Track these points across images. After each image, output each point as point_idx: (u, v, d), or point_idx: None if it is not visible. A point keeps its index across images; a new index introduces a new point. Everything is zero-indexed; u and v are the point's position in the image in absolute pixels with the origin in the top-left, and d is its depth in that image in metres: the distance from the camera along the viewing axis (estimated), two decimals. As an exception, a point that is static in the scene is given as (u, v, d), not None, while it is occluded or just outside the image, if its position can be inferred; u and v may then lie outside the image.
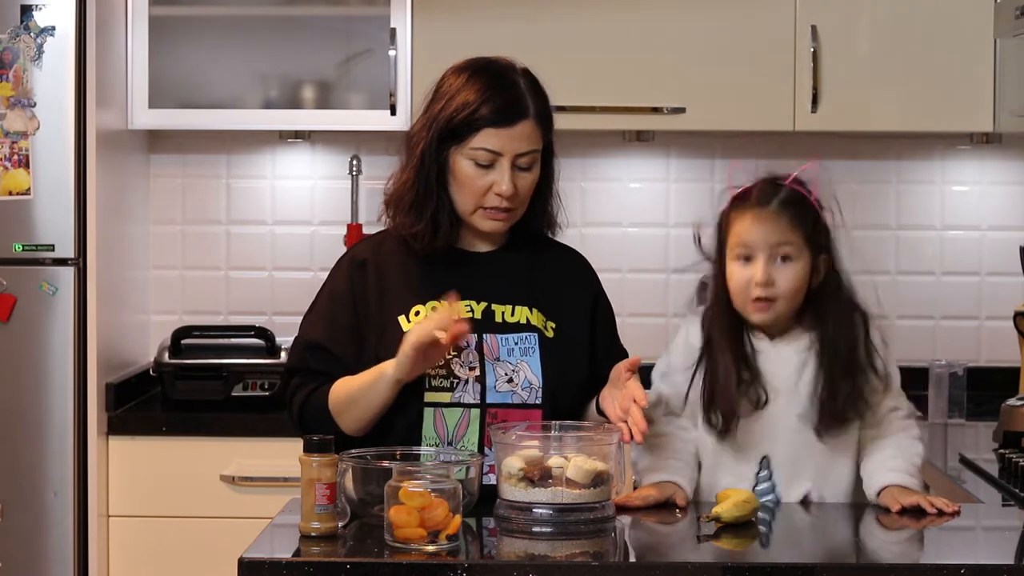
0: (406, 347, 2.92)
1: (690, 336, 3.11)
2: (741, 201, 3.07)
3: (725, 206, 3.10)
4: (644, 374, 3.23)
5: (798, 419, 3.05)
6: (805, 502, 3.06)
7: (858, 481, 3.10)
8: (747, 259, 3.02)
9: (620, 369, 2.97)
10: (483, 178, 3.02)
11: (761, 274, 3.00)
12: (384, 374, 2.97)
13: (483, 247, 3.14)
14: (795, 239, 3.01)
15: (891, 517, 2.94)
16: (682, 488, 3.04)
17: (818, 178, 3.10)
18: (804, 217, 3.04)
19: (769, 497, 3.05)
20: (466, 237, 3.13)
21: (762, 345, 3.07)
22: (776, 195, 3.05)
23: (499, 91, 3.03)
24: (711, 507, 2.87)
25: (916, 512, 2.94)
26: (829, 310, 3.06)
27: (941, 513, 2.94)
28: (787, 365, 3.06)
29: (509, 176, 3.01)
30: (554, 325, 3.10)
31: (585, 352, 3.12)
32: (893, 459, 3.04)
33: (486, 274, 3.10)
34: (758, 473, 3.06)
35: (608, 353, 3.16)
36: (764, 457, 3.06)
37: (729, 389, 3.02)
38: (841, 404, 3.03)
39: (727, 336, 3.06)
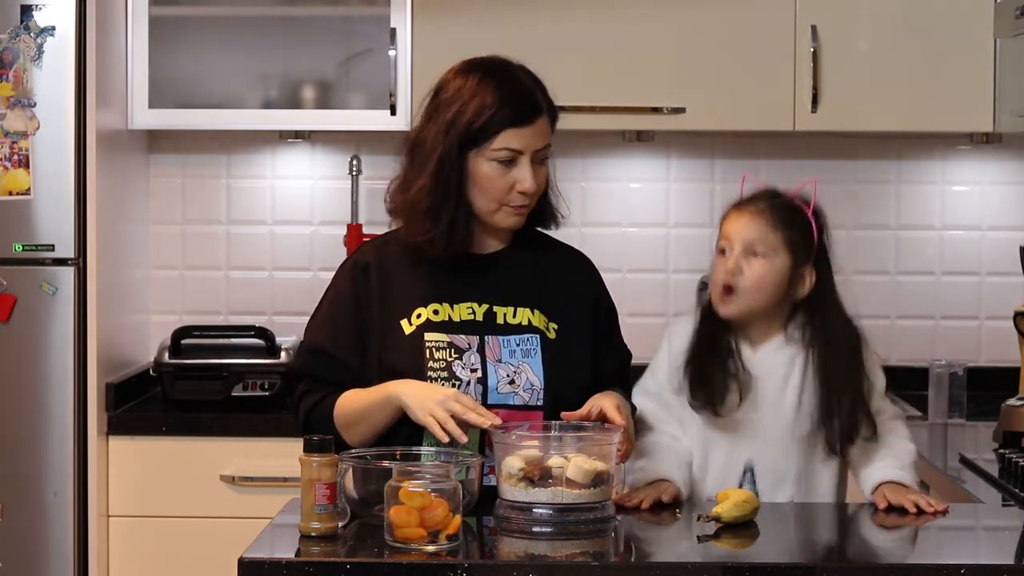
0: (424, 416, 2.92)
1: (672, 344, 3.15)
2: (735, 205, 3.15)
3: (724, 211, 3.17)
4: (639, 373, 3.25)
5: (782, 430, 3.08)
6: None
7: (839, 489, 3.14)
8: (723, 252, 3.10)
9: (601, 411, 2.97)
10: (505, 177, 3.03)
11: (731, 262, 3.07)
12: (390, 399, 2.97)
13: (485, 249, 3.13)
14: (772, 239, 3.08)
15: (891, 517, 2.94)
16: (675, 484, 3.05)
17: (814, 199, 3.14)
18: (790, 223, 3.09)
19: None
20: (471, 239, 3.13)
21: (745, 352, 3.10)
22: (767, 198, 3.12)
23: (514, 92, 3.04)
24: (711, 507, 2.87)
25: (902, 510, 2.96)
26: (818, 327, 3.10)
27: (921, 512, 2.94)
28: (771, 375, 3.10)
29: (531, 173, 3.03)
30: (556, 326, 3.09)
31: (587, 353, 3.12)
32: (884, 458, 3.06)
33: (488, 276, 3.10)
34: (741, 483, 3.08)
35: (610, 352, 3.16)
36: (747, 466, 3.08)
37: (715, 369, 3.07)
38: (846, 423, 3.05)
39: (718, 330, 3.10)
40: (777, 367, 3.10)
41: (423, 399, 2.93)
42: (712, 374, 3.09)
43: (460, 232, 3.06)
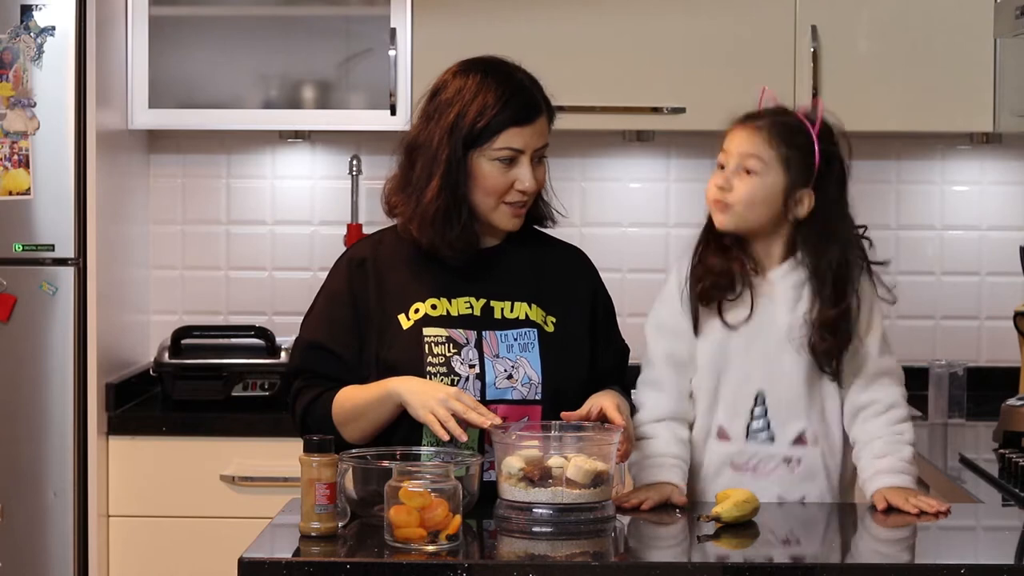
0: (425, 414, 2.91)
1: (682, 275, 3.13)
2: (737, 120, 3.13)
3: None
4: (637, 373, 3.24)
5: (794, 357, 3.05)
6: (800, 440, 3.07)
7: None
8: (722, 167, 3.09)
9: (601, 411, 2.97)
10: (505, 175, 3.04)
11: (721, 177, 3.07)
12: (390, 395, 2.97)
13: (482, 244, 3.13)
14: (766, 154, 3.06)
15: (892, 517, 2.94)
16: (678, 487, 3.04)
17: (819, 117, 3.14)
18: (788, 141, 3.07)
19: (763, 434, 3.06)
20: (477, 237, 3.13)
21: (753, 277, 3.08)
22: (771, 114, 3.11)
23: (515, 91, 3.06)
24: (711, 507, 2.87)
25: (902, 511, 2.96)
26: (814, 246, 3.07)
27: (923, 513, 2.94)
28: (779, 300, 3.07)
29: (531, 172, 3.04)
30: (554, 320, 3.10)
31: (585, 347, 3.12)
32: (883, 459, 3.04)
33: (485, 271, 3.11)
34: (752, 409, 3.06)
35: (608, 347, 3.17)
36: (759, 394, 3.06)
37: (723, 266, 3.06)
38: (830, 334, 3.04)
39: (727, 247, 3.09)
40: (786, 290, 3.07)
41: (424, 396, 2.93)
42: (720, 270, 3.05)
43: (471, 233, 3.06)
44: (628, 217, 4.85)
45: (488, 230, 3.12)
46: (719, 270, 3.07)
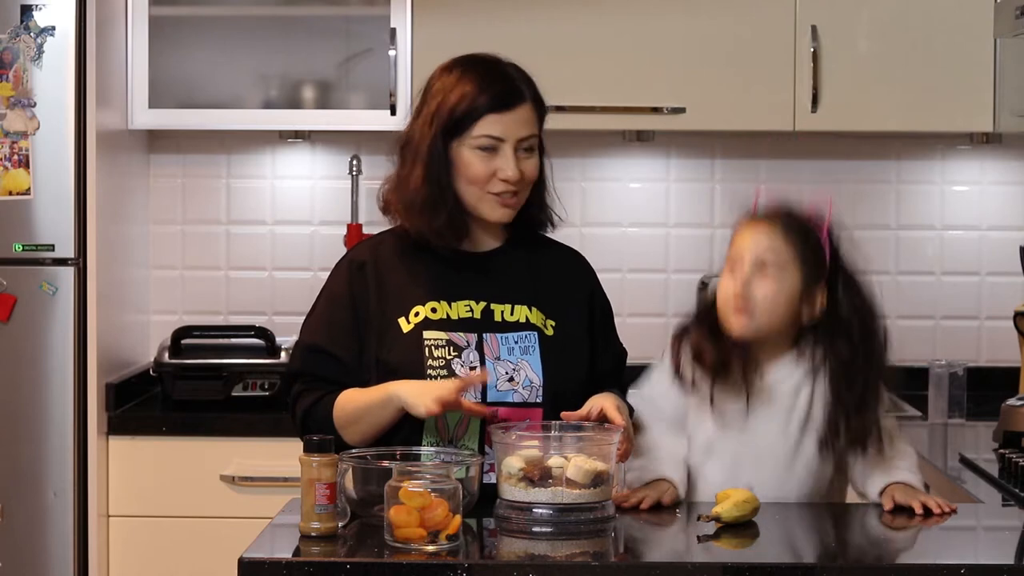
0: (428, 401, 2.91)
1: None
2: (746, 219, 3.06)
3: (736, 227, 3.08)
4: (636, 372, 3.25)
5: (787, 454, 3.05)
6: None
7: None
8: (733, 269, 3.01)
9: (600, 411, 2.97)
10: (487, 165, 3.03)
11: (740, 282, 2.98)
12: (391, 399, 2.97)
13: (482, 246, 3.14)
14: (783, 253, 2.99)
15: (891, 517, 2.94)
16: (674, 485, 3.04)
17: (829, 216, 3.05)
18: (803, 240, 3.01)
19: None
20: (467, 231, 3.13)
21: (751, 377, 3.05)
22: (780, 212, 3.05)
23: (494, 79, 3.05)
24: (711, 507, 2.87)
25: (909, 510, 2.95)
26: (825, 342, 3.02)
27: (929, 514, 2.94)
28: (779, 397, 3.04)
29: (513, 160, 3.03)
30: (554, 323, 3.10)
31: (584, 349, 3.12)
32: (891, 459, 3.04)
33: (485, 273, 3.11)
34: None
35: (607, 350, 3.17)
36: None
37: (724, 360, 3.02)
38: (857, 433, 3.01)
39: (729, 346, 3.04)
40: (787, 389, 3.04)
41: (423, 396, 2.93)
42: (717, 361, 3.02)
43: (459, 222, 3.06)
44: (628, 217, 4.85)
45: (486, 230, 3.12)
46: (715, 360, 3.02)
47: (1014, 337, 4.41)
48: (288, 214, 4.86)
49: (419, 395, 2.94)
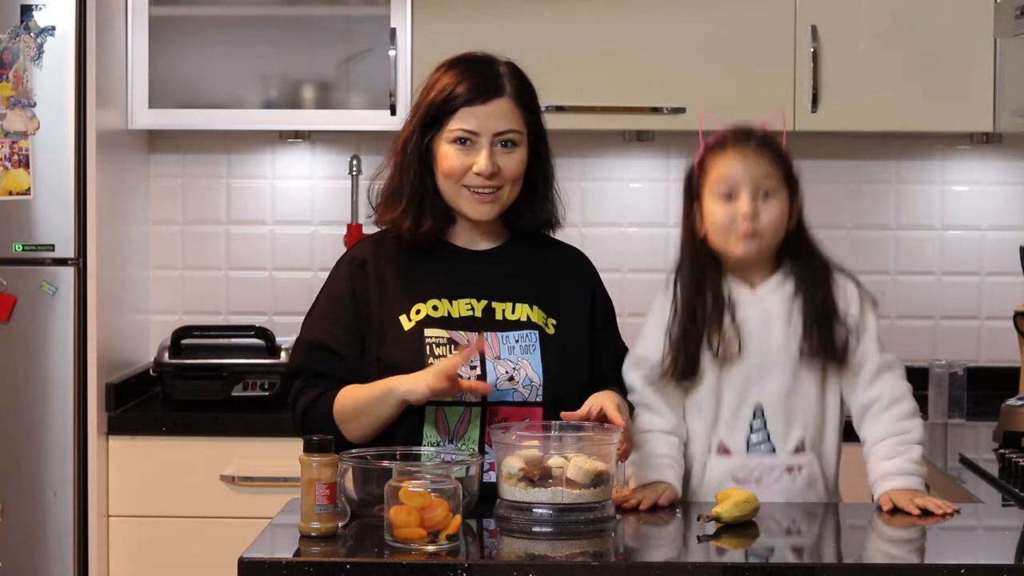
0: (429, 377, 2.92)
1: (666, 313, 3.12)
2: (719, 145, 3.12)
3: (700, 153, 3.13)
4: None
5: (790, 367, 3.06)
6: (799, 448, 3.07)
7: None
8: (729, 196, 3.05)
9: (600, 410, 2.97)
10: (463, 159, 3.03)
11: (748, 206, 3.03)
12: (392, 391, 2.97)
13: (483, 244, 3.14)
14: (776, 175, 3.07)
15: (895, 518, 2.94)
16: (672, 487, 3.04)
17: (784, 128, 3.15)
18: (780, 157, 3.10)
19: (764, 446, 3.06)
20: (465, 234, 3.13)
21: (743, 295, 3.08)
22: (754, 136, 3.12)
23: (475, 73, 3.05)
24: (711, 507, 2.87)
25: (906, 512, 2.96)
26: (802, 256, 3.10)
27: (928, 514, 2.94)
28: (774, 315, 3.07)
29: (487, 154, 3.02)
30: (555, 322, 3.10)
31: (585, 348, 3.12)
32: (891, 460, 3.04)
33: (486, 272, 3.11)
34: (751, 422, 3.07)
35: (607, 349, 3.17)
36: (758, 407, 3.06)
37: (702, 336, 3.05)
38: (819, 342, 3.05)
39: (708, 280, 3.08)
40: (778, 304, 3.08)
41: (422, 376, 2.93)
42: (706, 337, 3.06)
43: (428, 217, 3.06)
44: (628, 217, 4.85)
45: (486, 229, 3.12)
46: (712, 346, 3.06)
47: (1014, 337, 4.41)
48: (288, 214, 4.86)
49: (418, 377, 2.93)
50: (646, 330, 3.15)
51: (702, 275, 3.09)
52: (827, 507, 3.08)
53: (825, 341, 3.06)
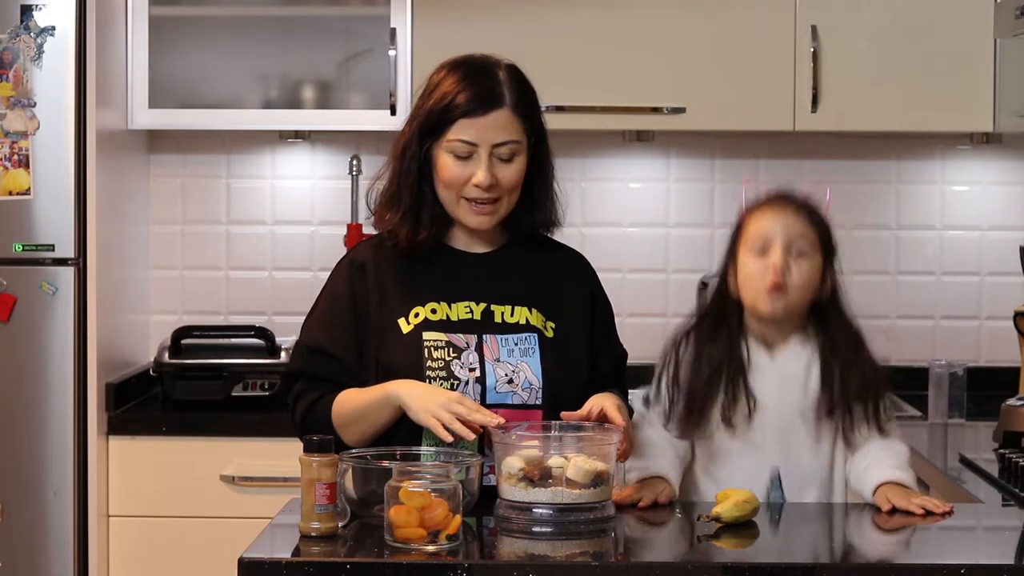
0: (427, 418, 2.91)
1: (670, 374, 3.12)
2: (758, 204, 3.11)
3: (742, 212, 3.12)
4: (636, 372, 3.25)
5: (807, 432, 3.06)
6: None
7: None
8: (763, 251, 3.05)
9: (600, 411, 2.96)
10: (462, 170, 3.02)
11: (780, 259, 3.02)
12: (389, 398, 2.96)
13: (481, 247, 3.13)
14: (811, 236, 3.06)
15: (891, 517, 2.94)
16: (670, 483, 3.05)
17: (828, 202, 3.13)
18: (819, 222, 3.09)
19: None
20: (463, 237, 3.13)
21: (761, 359, 3.08)
22: (794, 196, 3.10)
23: (474, 82, 3.02)
24: (711, 507, 2.87)
25: (906, 511, 2.95)
26: (832, 322, 3.09)
27: (929, 513, 2.94)
28: (793, 376, 3.07)
29: (486, 166, 3.01)
30: (553, 325, 3.09)
31: (584, 351, 3.12)
32: (882, 458, 3.05)
33: (485, 275, 3.10)
34: (769, 490, 3.06)
35: (607, 351, 3.16)
36: (776, 474, 3.06)
37: (713, 395, 3.05)
38: (856, 411, 3.05)
39: (730, 338, 3.07)
40: (799, 367, 3.08)
41: (425, 401, 2.92)
42: (717, 399, 3.06)
43: (425, 223, 3.05)
44: (628, 217, 4.85)
45: (484, 232, 3.11)
46: (721, 409, 3.06)
47: (1014, 337, 4.41)
48: (288, 214, 4.86)
49: (420, 399, 2.93)
50: (661, 380, 3.14)
51: (725, 332, 3.08)
52: (827, 507, 3.08)
53: (839, 411, 3.05)
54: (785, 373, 3.08)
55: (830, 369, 3.06)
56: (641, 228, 4.85)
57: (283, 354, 4.44)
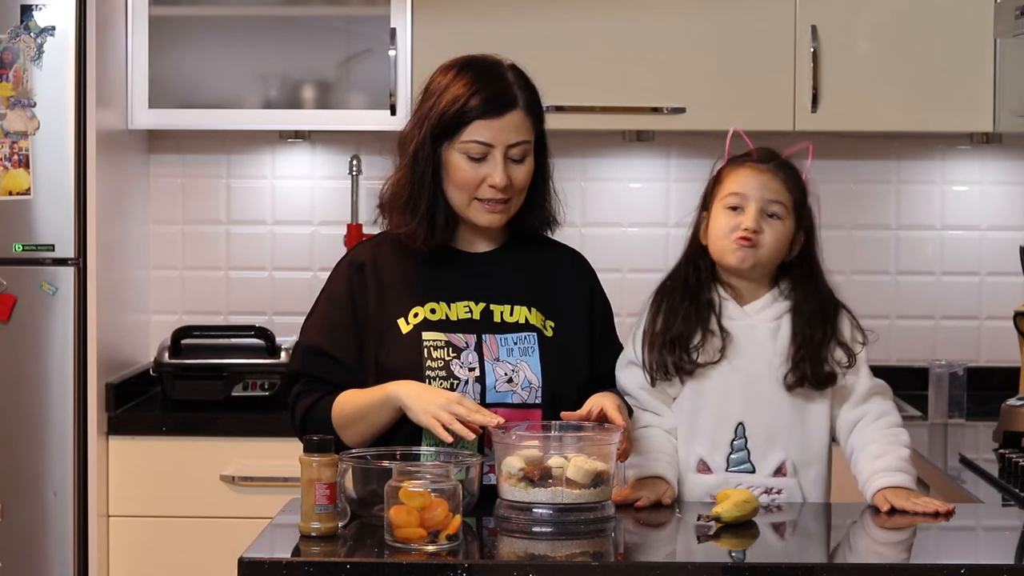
0: (427, 419, 2.91)
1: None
2: (738, 160, 3.15)
3: (721, 164, 3.17)
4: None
5: (774, 386, 3.07)
6: (779, 472, 3.07)
7: (834, 456, 3.12)
8: (736, 208, 3.08)
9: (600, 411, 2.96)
10: (476, 171, 3.02)
11: (752, 221, 3.06)
12: (389, 399, 2.97)
13: (481, 247, 3.13)
14: (785, 200, 3.09)
15: (890, 518, 2.94)
16: (670, 484, 3.05)
17: (809, 161, 3.17)
18: (795, 185, 3.12)
19: (744, 466, 3.07)
20: (464, 237, 3.13)
21: (731, 310, 3.10)
22: (774, 158, 3.14)
23: (487, 83, 3.03)
24: (711, 507, 2.87)
25: (905, 512, 2.95)
26: (802, 283, 3.12)
27: (936, 514, 2.94)
28: (759, 331, 3.09)
29: (502, 167, 3.01)
30: (553, 324, 3.09)
31: (584, 350, 3.12)
32: (881, 459, 3.04)
33: (484, 274, 3.10)
34: (732, 441, 3.07)
35: (606, 350, 3.16)
36: (739, 424, 3.07)
37: (686, 335, 3.07)
38: (811, 365, 3.06)
39: (701, 284, 3.11)
40: (766, 322, 3.10)
41: (424, 402, 2.92)
42: (690, 334, 3.08)
43: (439, 226, 3.06)
44: (628, 217, 4.85)
45: (484, 232, 3.12)
46: (692, 343, 3.08)
47: (1014, 337, 4.41)
48: (288, 214, 4.87)
49: (420, 400, 2.93)
50: (637, 332, 3.15)
51: (696, 279, 3.12)
52: (827, 507, 3.08)
53: (806, 371, 3.07)
54: (754, 325, 3.10)
55: (800, 328, 3.08)
56: (641, 228, 4.85)
57: (283, 354, 4.44)
